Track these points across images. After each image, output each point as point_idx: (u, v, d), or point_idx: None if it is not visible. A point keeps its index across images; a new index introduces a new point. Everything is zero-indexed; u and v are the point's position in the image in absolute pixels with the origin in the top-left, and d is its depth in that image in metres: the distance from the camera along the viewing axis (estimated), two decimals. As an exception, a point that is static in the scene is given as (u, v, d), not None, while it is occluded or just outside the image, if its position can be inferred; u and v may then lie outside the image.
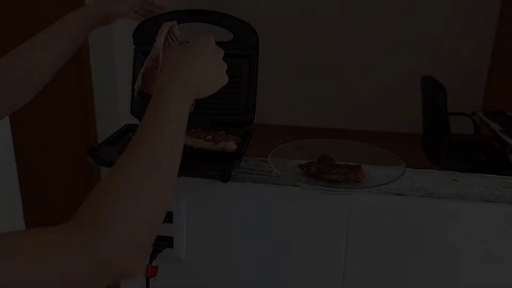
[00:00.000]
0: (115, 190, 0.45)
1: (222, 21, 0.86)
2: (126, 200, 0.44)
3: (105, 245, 0.42)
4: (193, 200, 0.78)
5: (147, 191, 0.46)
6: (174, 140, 0.50)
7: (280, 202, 0.76)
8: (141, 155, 0.48)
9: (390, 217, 0.73)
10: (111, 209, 0.44)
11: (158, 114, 0.51)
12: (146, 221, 0.45)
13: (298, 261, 0.78)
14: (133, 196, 0.45)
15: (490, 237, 0.72)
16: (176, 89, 0.54)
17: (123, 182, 0.45)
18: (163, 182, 0.47)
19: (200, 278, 0.82)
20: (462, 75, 4.55)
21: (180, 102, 0.53)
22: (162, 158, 0.48)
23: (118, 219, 0.43)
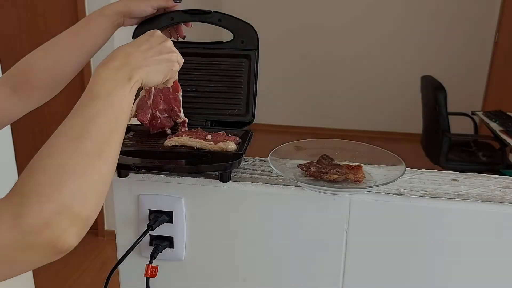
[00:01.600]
0: (42, 160, 0.44)
1: (222, 21, 0.86)
2: (51, 167, 0.44)
3: (32, 211, 0.41)
4: (193, 200, 0.78)
5: (71, 160, 0.45)
6: (100, 115, 0.49)
7: (280, 202, 0.76)
8: (66, 128, 0.47)
9: (390, 217, 0.73)
10: (37, 176, 0.43)
11: (87, 89, 0.51)
12: (74, 190, 0.43)
13: (298, 261, 0.78)
14: (57, 163, 0.44)
15: (490, 237, 0.72)
16: (111, 67, 0.54)
17: (49, 151, 0.45)
18: (89, 154, 0.46)
19: (200, 278, 0.82)
20: (462, 75, 4.56)
21: (114, 81, 0.52)
22: (86, 132, 0.47)
23: (43, 185, 0.42)
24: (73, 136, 0.46)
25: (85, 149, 0.46)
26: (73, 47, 0.79)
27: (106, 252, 2.75)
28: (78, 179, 0.44)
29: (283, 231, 0.77)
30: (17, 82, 0.76)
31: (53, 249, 0.42)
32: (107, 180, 0.48)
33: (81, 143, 0.46)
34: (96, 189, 0.45)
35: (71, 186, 0.43)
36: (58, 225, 0.41)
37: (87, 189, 0.44)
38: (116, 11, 0.80)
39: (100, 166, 0.46)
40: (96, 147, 0.47)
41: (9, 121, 0.77)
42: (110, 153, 0.48)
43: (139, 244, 0.77)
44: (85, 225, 0.44)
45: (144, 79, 0.58)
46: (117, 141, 0.50)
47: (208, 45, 0.88)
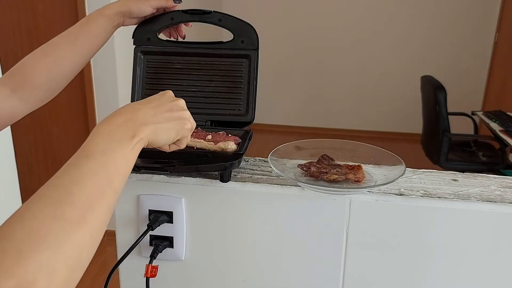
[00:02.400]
0: (12, 224, 0.38)
1: (222, 21, 0.86)
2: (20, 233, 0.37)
3: None
4: (193, 200, 0.78)
5: (44, 227, 0.38)
6: (88, 177, 0.43)
7: (280, 202, 0.76)
8: (48, 189, 0.41)
9: (390, 217, 0.73)
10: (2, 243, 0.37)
11: (81, 147, 0.46)
12: (42, 263, 0.37)
13: (298, 261, 0.78)
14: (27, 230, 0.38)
15: (490, 237, 0.72)
16: (113, 124, 0.48)
17: (22, 215, 0.39)
18: (66, 221, 0.39)
19: (200, 278, 0.82)
20: (462, 75, 4.56)
21: (113, 138, 0.47)
22: (68, 195, 0.41)
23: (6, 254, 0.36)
24: (53, 199, 0.40)
25: (64, 216, 0.39)
26: (73, 47, 0.78)
27: (106, 252, 2.75)
28: (48, 251, 0.37)
29: (283, 231, 0.77)
30: (16, 83, 0.76)
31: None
32: (84, 254, 0.40)
33: (59, 208, 0.39)
34: (68, 263, 0.38)
35: (38, 259, 0.36)
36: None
37: (57, 263, 0.37)
38: (116, 11, 0.80)
39: (77, 237, 0.39)
40: (77, 214, 0.40)
41: (10, 122, 0.77)
42: (93, 222, 0.41)
43: (139, 244, 0.77)
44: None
45: (152, 137, 0.52)
46: (105, 208, 0.43)
47: (208, 45, 0.88)
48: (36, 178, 3.00)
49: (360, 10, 4.67)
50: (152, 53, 0.89)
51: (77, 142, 2.77)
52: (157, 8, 0.84)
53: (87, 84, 2.68)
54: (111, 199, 0.44)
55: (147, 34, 0.88)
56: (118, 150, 0.46)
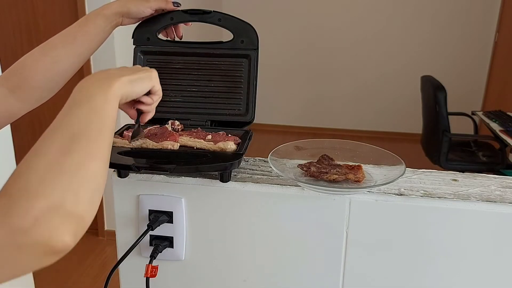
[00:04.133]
0: (30, 161, 0.44)
1: (222, 21, 0.86)
2: (40, 166, 0.43)
3: (20, 209, 0.39)
4: (193, 200, 0.78)
5: (60, 159, 0.44)
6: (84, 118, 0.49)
7: (280, 202, 0.76)
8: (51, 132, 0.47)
9: (390, 217, 0.73)
10: (25, 175, 0.42)
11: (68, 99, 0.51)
12: (65, 187, 0.42)
13: (298, 261, 0.78)
14: (45, 162, 0.43)
15: (490, 237, 0.72)
16: (91, 79, 0.54)
17: (36, 153, 0.44)
18: (78, 153, 0.45)
19: (200, 278, 0.82)
20: (462, 75, 4.56)
21: (94, 88, 0.53)
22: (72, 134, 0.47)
23: (32, 183, 0.41)
24: (59, 139, 0.46)
25: (73, 149, 0.45)
26: (71, 47, 0.78)
27: (106, 252, 2.75)
28: (68, 177, 0.43)
29: (283, 231, 0.77)
30: (14, 82, 0.75)
31: (45, 249, 0.40)
32: (99, 178, 0.46)
33: (68, 144, 0.45)
34: (88, 186, 0.44)
35: (61, 183, 0.42)
36: (49, 222, 0.40)
37: (78, 186, 0.43)
38: (115, 12, 0.80)
39: (90, 164, 0.46)
40: (84, 146, 0.46)
41: (7, 121, 0.77)
42: (99, 152, 0.47)
43: (139, 244, 0.77)
44: (80, 224, 0.43)
45: (128, 87, 0.57)
46: (105, 141, 0.49)
47: (208, 45, 0.88)
48: (36, 178, 3.00)
49: (360, 10, 4.67)
50: (152, 53, 0.89)
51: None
52: (156, 9, 0.84)
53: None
54: (107, 135, 0.50)
55: (146, 34, 0.88)
56: (102, 95, 0.52)
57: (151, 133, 0.81)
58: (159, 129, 0.82)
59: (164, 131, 0.82)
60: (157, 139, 0.80)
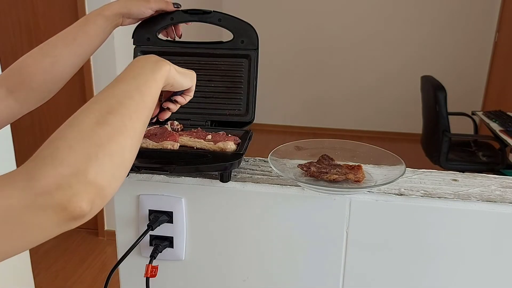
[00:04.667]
0: (63, 129, 0.45)
1: (222, 21, 0.86)
2: (71, 134, 0.44)
3: (45, 173, 0.41)
4: (193, 200, 0.78)
5: (92, 130, 0.45)
6: (126, 94, 0.51)
7: (280, 202, 0.76)
8: (91, 103, 0.49)
9: (390, 217, 0.73)
10: (55, 142, 0.44)
11: (116, 78, 0.53)
12: (91, 156, 0.43)
13: (298, 260, 0.78)
14: (77, 131, 0.45)
15: (490, 237, 0.72)
16: (144, 59, 0.58)
17: (71, 122, 0.46)
18: (110, 126, 0.47)
19: (200, 278, 0.82)
20: (462, 75, 4.56)
21: (144, 68, 0.56)
22: (109, 106, 0.48)
23: (60, 149, 0.43)
24: (97, 110, 0.47)
25: (107, 121, 0.46)
26: (71, 47, 0.78)
27: (106, 252, 2.75)
28: (96, 147, 0.44)
29: (283, 231, 0.77)
30: (13, 83, 0.75)
31: (64, 213, 0.41)
32: (126, 154, 0.47)
33: (103, 116, 0.47)
34: (114, 160, 0.45)
35: (87, 152, 0.43)
36: (71, 187, 0.41)
37: (104, 158, 0.44)
38: (116, 12, 0.80)
39: (120, 139, 0.47)
40: (119, 120, 0.48)
41: (7, 122, 0.76)
42: (132, 128, 0.49)
43: (139, 244, 0.77)
44: (99, 194, 0.44)
45: (174, 74, 0.61)
46: (141, 119, 0.51)
47: (208, 45, 0.88)
48: (36, 178, 3.00)
49: (360, 10, 4.67)
50: (151, 53, 0.89)
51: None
52: (156, 11, 0.84)
53: (87, 84, 2.68)
54: (144, 113, 0.52)
55: (146, 34, 0.88)
56: (148, 74, 0.55)
57: (151, 133, 0.82)
58: (158, 129, 0.82)
59: (164, 131, 0.82)
60: (157, 139, 0.80)
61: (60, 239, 2.87)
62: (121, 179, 0.47)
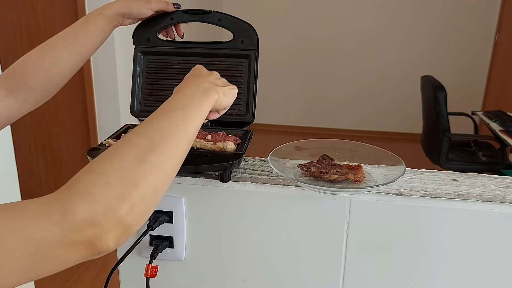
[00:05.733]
0: (101, 161, 0.45)
1: (222, 21, 0.86)
2: (108, 170, 0.45)
3: (79, 209, 0.41)
4: (193, 200, 0.78)
5: (129, 167, 0.45)
6: (170, 128, 0.50)
7: (280, 202, 0.76)
8: (134, 135, 0.48)
9: (390, 217, 0.73)
10: (91, 176, 0.44)
11: (162, 105, 0.53)
12: (125, 196, 0.44)
13: (298, 260, 0.78)
14: (114, 168, 0.45)
15: (490, 237, 0.72)
16: (190, 85, 0.57)
17: (111, 155, 0.46)
18: (148, 164, 0.47)
19: (200, 278, 0.82)
20: (462, 75, 4.56)
21: (191, 96, 0.55)
22: (151, 142, 0.48)
23: (96, 185, 0.43)
24: (138, 145, 0.47)
25: (146, 159, 0.46)
26: (71, 47, 0.78)
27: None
28: (130, 187, 0.44)
29: (283, 231, 0.77)
30: (13, 83, 0.75)
31: (92, 249, 0.43)
32: (158, 193, 0.48)
33: (143, 153, 0.47)
34: (145, 200, 0.46)
35: (123, 192, 0.44)
36: (101, 226, 0.42)
37: (137, 198, 0.45)
38: (116, 12, 0.80)
39: (155, 178, 0.47)
40: (158, 159, 0.47)
41: (7, 122, 0.76)
42: (169, 167, 0.49)
43: (139, 244, 0.77)
44: (125, 233, 0.45)
45: (220, 101, 0.60)
46: (180, 155, 0.51)
47: (208, 45, 0.88)
48: (36, 178, 3.00)
49: (360, 10, 4.67)
50: (152, 53, 0.89)
51: (77, 142, 2.79)
52: (157, 11, 0.84)
53: (87, 84, 2.68)
54: (185, 148, 0.52)
55: (147, 34, 0.88)
56: (196, 105, 0.54)
57: None
58: None
59: None
60: None
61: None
62: (147, 216, 0.48)
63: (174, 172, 0.50)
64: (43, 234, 0.40)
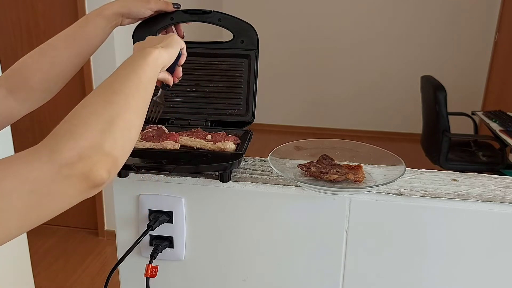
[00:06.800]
0: (77, 109, 0.50)
1: (222, 21, 0.86)
2: (85, 114, 0.49)
3: (66, 146, 0.45)
4: (193, 200, 0.78)
5: (102, 109, 0.51)
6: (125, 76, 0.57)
7: (280, 202, 0.76)
8: (98, 88, 0.54)
9: (390, 217, 0.73)
10: (70, 121, 0.48)
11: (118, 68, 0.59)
12: (105, 132, 0.48)
13: (298, 260, 0.78)
14: (90, 111, 0.50)
15: (490, 237, 0.72)
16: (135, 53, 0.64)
17: (83, 103, 0.51)
18: (117, 105, 0.52)
19: (200, 278, 0.82)
20: (462, 75, 4.56)
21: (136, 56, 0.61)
22: (114, 88, 0.54)
23: (77, 126, 0.47)
24: (103, 92, 0.53)
25: (114, 101, 0.52)
26: (71, 48, 0.78)
27: (106, 252, 2.75)
28: (108, 124, 0.49)
29: (283, 231, 0.77)
30: (13, 83, 0.75)
31: (87, 181, 0.46)
32: (133, 128, 0.53)
33: (110, 97, 0.53)
34: (123, 134, 0.50)
35: (101, 128, 0.48)
36: (90, 158, 0.46)
37: (116, 133, 0.49)
38: (115, 12, 0.80)
39: (126, 115, 0.52)
40: (123, 100, 0.53)
41: (7, 122, 0.76)
42: (136, 105, 0.54)
43: (139, 244, 0.77)
44: (114, 164, 0.48)
45: (164, 55, 0.65)
46: (142, 96, 0.56)
47: (208, 45, 0.88)
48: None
49: (360, 10, 4.67)
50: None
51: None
52: (156, 11, 0.84)
53: (87, 84, 2.68)
54: (143, 92, 0.57)
55: (146, 34, 0.88)
56: (141, 61, 0.60)
57: (147, 136, 0.82)
58: (155, 131, 0.82)
59: (161, 133, 0.82)
60: (157, 139, 0.80)
61: (60, 239, 2.87)
62: (129, 152, 0.52)
63: (142, 110, 0.56)
64: (36, 173, 0.43)
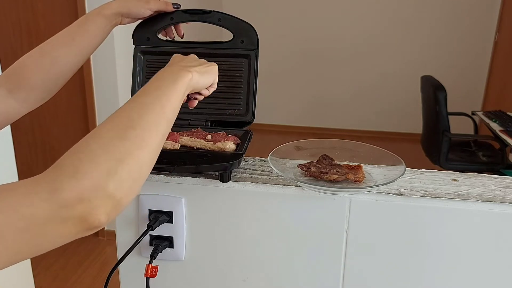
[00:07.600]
0: (86, 141, 0.47)
1: (221, 21, 0.86)
2: (93, 148, 0.46)
3: (68, 186, 0.42)
4: (193, 200, 0.78)
5: (113, 144, 0.47)
6: (146, 106, 0.52)
7: (280, 202, 0.76)
8: (114, 116, 0.50)
9: (390, 217, 0.73)
10: (77, 155, 0.45)
11: (141, 89, 0.55)
12: (111, 171, 0.45)
13: (298, 260, 0.78)
14: (99, 146, 0.46)
15: (490, 237, 0.72)
16: (165, 71, 0.60)
17: (94, 135, 0.48)
18: (130, 141, 0.48)
19: (200, 278, 0.82)
20: (462, 75, 4.56)
21: (164, 79, 0.58)
22: (130, 120, 0.50)
23: (82, 162, 0.44)
24: (119, 123, 0.49)
25: (128, 137, 0.48)
26: (71, 47, 0.78)
27: (106, 252, 2.75)
28: (116, 162, 0.46)
29: (283, 231, 0.77)
30: (13, 83, 0.75)
31: (84, 224, 0.43)
32: (144, 168, 0.49)
33: (124, 130, 0.48)
34: (132, 175, 0.47)
35: (108, 167, 0.45)
36: (90, 201, 0.43)
37: (123, 173, 0.46)
38: (115, 12, 0.80)
39: (139, 154, 0.48)
40: (139, 136, 0.49)
41: (7, 122, 0.76)
42: (151, 143, 0.50)
43: (139, 244, 0.77)
44: (116, 207, 0.46)
45: (196, 80, 0.63)
46: (160, 132, 0.52)
47: (208, 45, 0.88)
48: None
49: (360, 10, 4.67)
50: (151, 53, 0.89)
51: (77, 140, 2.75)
52: (156, 11, 0.84)
53: (87, 84, 2.68)
54: (164, 126, 0.53)
55: (146, 34, 0.88)
56: (170, 85, 0.57)
57: None
58: None
59: None
60: None
61: (60, 239, 2.86)
62: (137, 191, 0.49)
63: (156, 147, 0.52)
64: (32, 210, 0.41)
